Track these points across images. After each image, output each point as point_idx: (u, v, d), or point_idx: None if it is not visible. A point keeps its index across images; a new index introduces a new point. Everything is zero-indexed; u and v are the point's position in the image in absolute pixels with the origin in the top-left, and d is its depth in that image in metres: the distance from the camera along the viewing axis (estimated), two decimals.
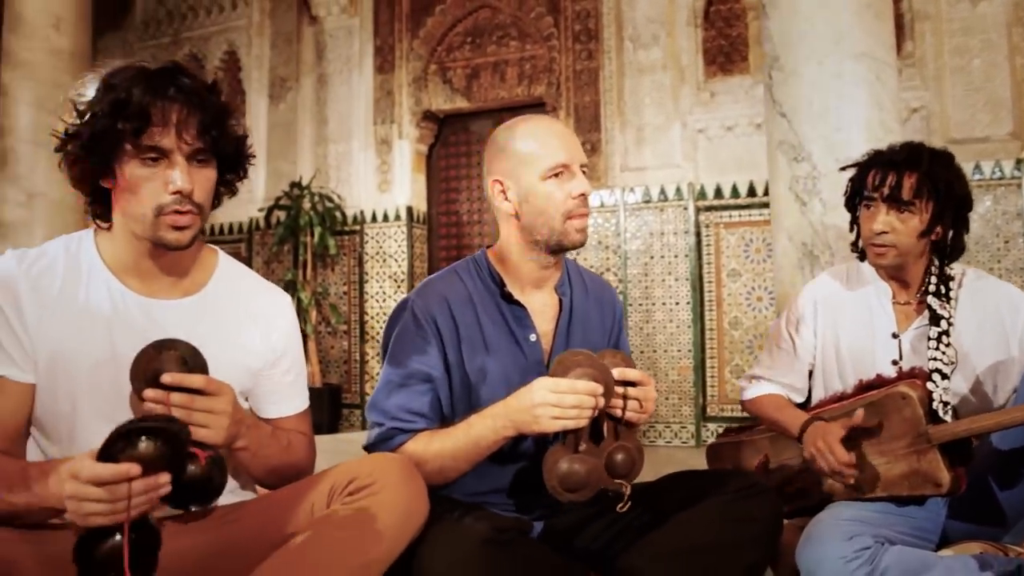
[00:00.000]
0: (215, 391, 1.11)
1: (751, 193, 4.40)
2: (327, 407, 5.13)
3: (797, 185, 2.31)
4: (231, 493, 1.29)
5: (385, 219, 5.34)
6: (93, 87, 1.17)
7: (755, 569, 1.38)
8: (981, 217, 3.99)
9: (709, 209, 4.52)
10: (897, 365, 1.68)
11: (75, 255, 1.23)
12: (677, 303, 4.57)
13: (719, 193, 4.50)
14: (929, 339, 1.62)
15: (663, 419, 4.56)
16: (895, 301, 1.73)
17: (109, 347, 1.18)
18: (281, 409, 1.39)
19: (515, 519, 1.43)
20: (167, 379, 1.07)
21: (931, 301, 1.66)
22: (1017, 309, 1.65)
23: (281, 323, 1.38)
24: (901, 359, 1.69)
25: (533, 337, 1.48)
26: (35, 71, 4.25)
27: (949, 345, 1.61)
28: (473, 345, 1.44)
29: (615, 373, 1.33)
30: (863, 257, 1.78)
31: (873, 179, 1.65)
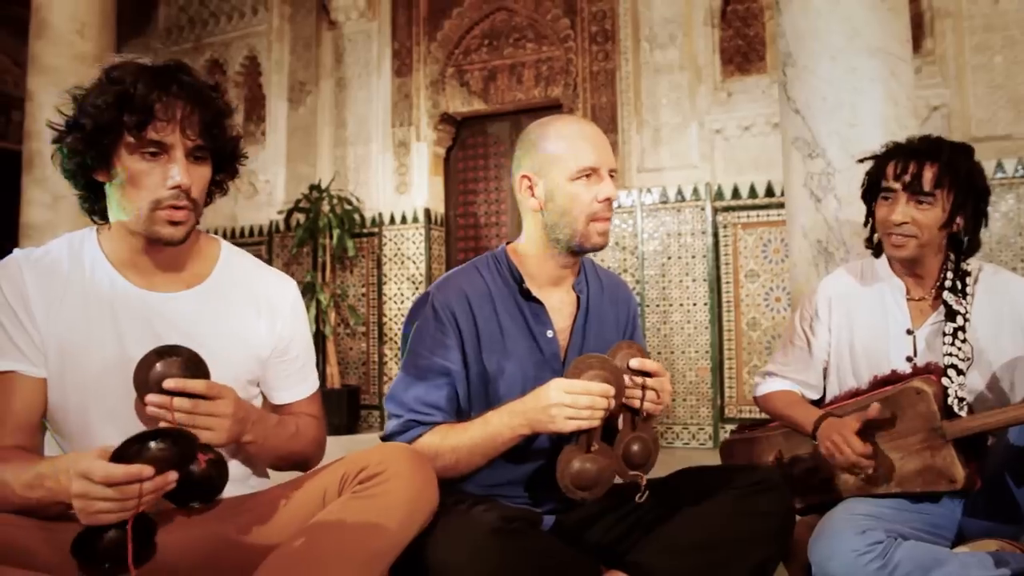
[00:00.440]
0: (217, 395, 1.13)
1: (769, 193, 4.37)
2: (346, 408, 5.15)
3: (812, 182, 2.29)
4: (244, 483, 1.31)
5: (403, 221, 5.37)
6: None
7: (766, 564, 1.39)
8: (1003, 216, 3.94)
9: (727, 209, 4.50)
10: (912, 362, 1.67)
11: (78, 252, 1.25)
12: (695, 304, 4.54)
13: (736, 193, 4.47)
14: (944, 335, 1.61)
15: (680, 420, 4.53)
16: (909, 297, 1.72)
17: (116, 341, 1.20)
18: (291, 394, 1.41)
19: (525, 510, 1.44)
20: (170, 385, 1.10)
21: (947, 296, 1.64)
22: None
23: (287, 310, 1.39)
24: (916, 356, 1.67)
25: (550, 333, 1.49)
26: (60, 76, 4.29)
27: (965, 341, 1.59)
28: (491, 340, 1.46)
29: (634, 363, 1.35)
30: (878, 253, 1.77)
31: (894, 169, 1.64)
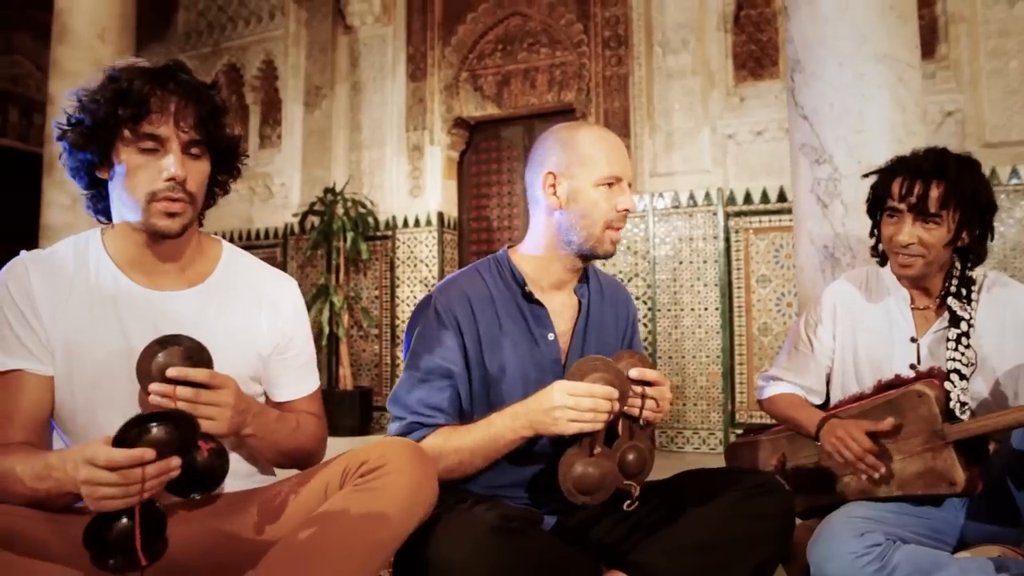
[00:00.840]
0: (219, 384, 1.16)
1: (781, 198, 4.36)
2: (358, 409, 5.19)
3: (818, 188, 2.29)
4: (249, 480, 1.34)
5: (416, 224, 5.40)
6: None
7: (766, 565, 1.39)
8: (1018, 222, 3.91)
9: (738, 214, 4.49)
10: (915, 369, 1.67)
11: (84, 252, 1.28)
12: (706, 309, 4.54)
13: (748, 198, 4.47)
14: (948, 340, 1.61)
15: (691, 425, 4.53)
16: (914, 306, 1.72)
17: (121, 338, 1.23)
18: (292, 392, 1.43)
19: (526, 510, 1.45)
20: (172, 373, 1.12)
21: (951, 303, 1.64)
22: None
23: (288, 308, 1.41)
24: (920, 363, 1.68)
25: (551, 336, 1.51)
26: (80, 81, 4.27)
27: (968, 347, 1.60)
28: (492, 342, 1.47)
29: (633, 373, 1.35)
30: (883, 262, 1.77)
31: (899, 189, 1.63)
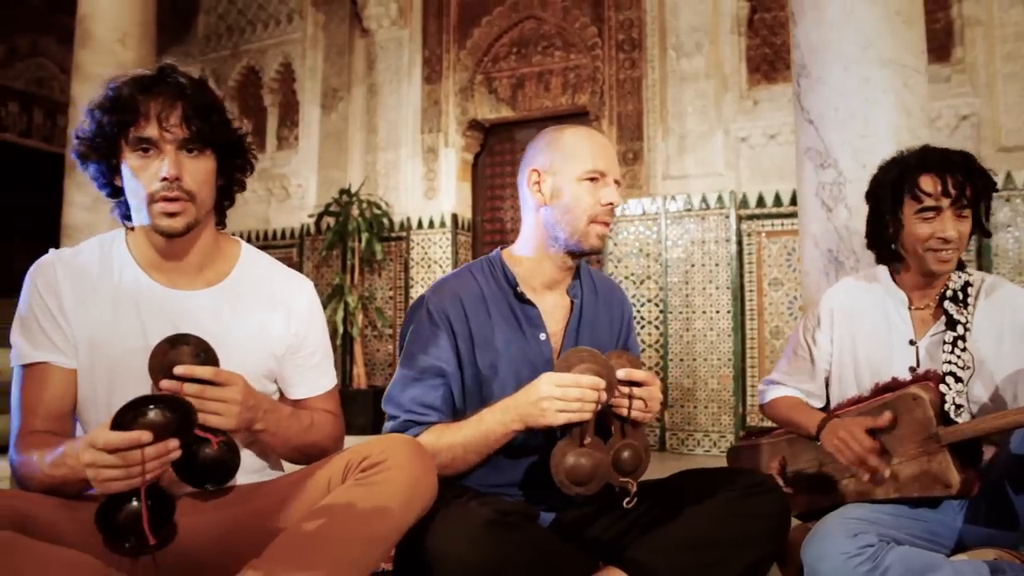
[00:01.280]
0: (225, 381, 1.20)
1: (793, 202, 4.33)
2: (371, 408, 5.24)
3: (823, 191, 2.30)
4: (259, 474, 1.38)
5: (431, 226, 5.45)
6: None
7: (761, 564, 1.41)
8: None
9: (751, 218, 4.50)
10: (913, 372, 1.68)
11: (108, 252, 1.34)
12: (718, 312, 4.55)
13: (761, 202, 4.47)
14: (944, 343, 1.62)
15: (702, 428, 4.54)
16: (912, 308, 1.73)
17: (141, 335, 1.28)
18: (307, 390, 1.47)
19: (521, 504, 1.48)
20: (179, 371, 1.17)
21: (947, 306, 1.65)
22: None
23: (302, 309, 1.45)
24: (919, 366, 1.68)
25: (543, 336, 1.53)
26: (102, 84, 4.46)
27: (965, 350, 1.60)
28: (485, 342, 1.50)
29: (621, 374, 1.37)
30: (886, 262, 1.77)
31: (936, 185, 1.61)
